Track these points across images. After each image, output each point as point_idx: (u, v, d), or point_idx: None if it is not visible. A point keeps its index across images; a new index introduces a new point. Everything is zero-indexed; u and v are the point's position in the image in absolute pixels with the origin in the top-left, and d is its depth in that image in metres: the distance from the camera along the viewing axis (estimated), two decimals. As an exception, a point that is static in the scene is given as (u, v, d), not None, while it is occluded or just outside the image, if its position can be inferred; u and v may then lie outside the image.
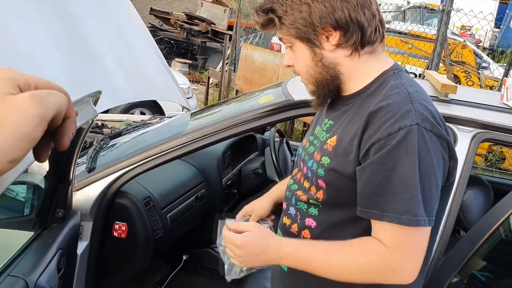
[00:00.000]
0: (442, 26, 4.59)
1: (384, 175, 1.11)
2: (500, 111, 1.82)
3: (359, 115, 1.21)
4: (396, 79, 1.22)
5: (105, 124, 3.38)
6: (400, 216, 1.10)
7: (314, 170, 1.26)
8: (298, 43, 1.25)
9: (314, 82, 1.28)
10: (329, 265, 1.18)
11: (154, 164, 1.98)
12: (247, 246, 1.21)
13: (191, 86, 7.19)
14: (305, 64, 1.26)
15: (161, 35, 11.71)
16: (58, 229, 1.70)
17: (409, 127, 1.10)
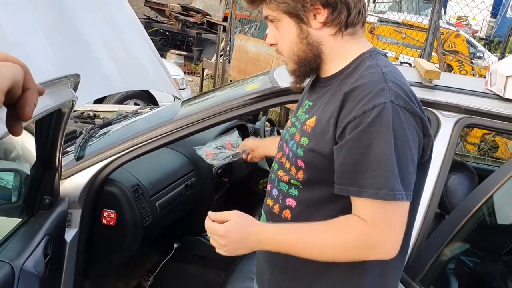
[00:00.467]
0: (434, 15, 4.58)
1: (360, 152, 1.13)
2: (483, 97, 1.83)
3: (336, 96, 1.22)
4: (372, 60, 1.24)
5: (97, 114, 3.39)
6: (377, 191, 1.12)
7: (294, 150, 1.29)
8: (285, 19, 1.25)
9: (296, 60, 1.28)
10: (311, 245, 1.21)
11: (142, 152, 1.99)
12: (230, 234, 1.22)
13: (185, 77, 7.19)
14: (289, 41, 1.27)
15: (156, 27, 11.69)
16: (46, 215, 1.71)
17: (383, 105, 1.12)
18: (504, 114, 1.72)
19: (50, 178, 1.71)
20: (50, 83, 1.02)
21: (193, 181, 2.57)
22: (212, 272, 2.70)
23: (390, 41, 6.46)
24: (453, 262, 1.90)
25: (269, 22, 1.31)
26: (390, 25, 6.40)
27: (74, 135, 2.48)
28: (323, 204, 1.26)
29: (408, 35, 5.88)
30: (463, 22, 13.35)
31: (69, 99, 1.18)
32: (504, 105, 1.76)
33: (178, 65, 8.88)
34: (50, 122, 1.36)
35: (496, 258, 2.08)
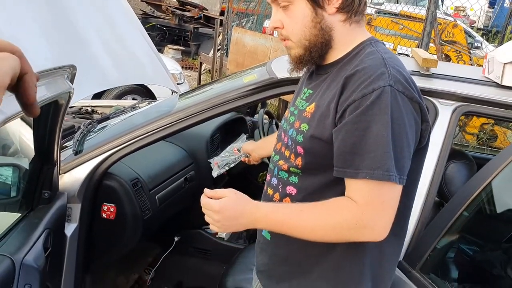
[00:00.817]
0: (431, 5, 4.57)
1: (359, 134, 1.14)
2: (481, 84, 1.83)
3: (336, 81, 1.23)
4: (373, 47, 1.26)
5: (95, 110, 3.39)
6: (372, 171, 1.13)
7: (294, 137, 1.29)
8: (300, 1, 1.23)
9: (306, 46, 1.27)
10: (303, 224, 1.22)
11: (141, 145, 1.99)
12: (225, 211, 1.23)
13: (183, 72, 7.18)
14: (303, 24, 1.25)
15: (153, 22, 11.65)
16: (45, 209, 1.71)
17: (383, 88, 1.13)
18: (501, 101, 1.72)
19: (49, 172, 1.71)
20: (46, 73, 1.02)
21: (192, 174, 2.57)
22: (213, 265, 2.71)
23: (388, 32, 6.45)
24: (452, 250, 1.90)
25: (275, 5, 1.28)
26: (388, 16, 6.38)
27: (72, 130, 2.48)
28: (324, 191, 1.27)
29: (405, 26, 5.87)
30: (460, 13, 13.33)
31: (66, 90, 1.17)
32: (502, 92, 1.76)
33: (176, 60, 8.87)
34: (47, 114, 1.36)
35: (496, 246, 2.09)
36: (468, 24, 11.35)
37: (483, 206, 1.77)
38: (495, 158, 1.72)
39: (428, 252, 1.61)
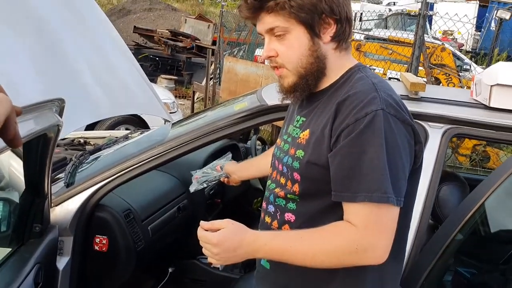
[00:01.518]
0: (419, 30, 4.66)
1: (354, 158, 1.15)
2: (469, 107, 1.85)
3: (328, 107, 1.25)
4: (361, 73, 1.28)
5: (87, 141, 3.38)
6: (371, 194, 1.14)
7: (289, 164, 1.30)
8: (299, 29, 1.24)
9: (302, 74, 1.27)
10: (303, 251, 1.20)
11: (132, 175, 1.98)
12: (223, 242, 1.21)
13: (177, 101, 7.21)
14: (300, 53, 1.26)
15: (146, 53, 11.74)
16: (36, 243, 1.69)
17: (375, 112, 1.15)
18: (490, 123, 1.74)
19: (40, 206, 1.70)
20: (34, 107, 1.02)
21: (185, 203, 2.55)
22: (209, 296, 2.66)
23: (377, 58, 6.53)
24: (448, 273, 1.89)
25: (271, 35, 1.28)
26: (377, 42, 6.48)
27: (64, 162, 2.47)
28: (322, 216, 1.26)
29: (394, 51, 5.95)
30: (448, 36, 13.55)
31: (54, 123, 1.17)
32: (490, 113, 1.78)
33: (169, 90, 8.91)
34: (36, 147, 1.36)
35: (492, 267, 2.07)
36: (457, 47, 11.53)
37: (477, 227, 1.77)
38: (486, 179, 1.73)
39: (424, 276, 1.60)
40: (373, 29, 8.80)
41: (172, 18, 17.27)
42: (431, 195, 1.69)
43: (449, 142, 1.81)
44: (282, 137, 1.43)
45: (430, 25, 12.66)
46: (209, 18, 15.27)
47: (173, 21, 16.78)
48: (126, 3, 19.37)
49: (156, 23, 16.34)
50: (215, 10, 21.95)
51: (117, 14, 17.84)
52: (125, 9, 18.33)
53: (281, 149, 1.39)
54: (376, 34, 7.14)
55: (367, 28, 9.23)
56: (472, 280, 2.04)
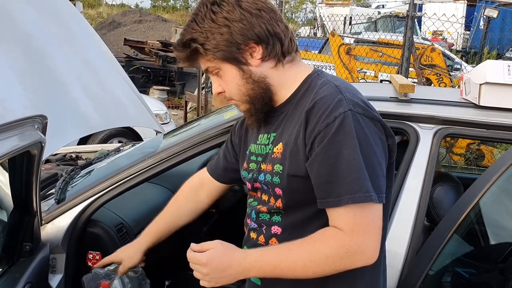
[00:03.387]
0: (408, 31, 4.67)
1: (331, 162, 1.17)
2: (459, 106, 1.85)
3: (295, 117, 1.27)
4: (322, 78, 1.30)
5: (79, 155, 3.36)
6: (353, 195, 1.15)
7: (269, 180, 1.30)
8: (225, 65, 1.28)
9: (248, 100, 1.31)
10: (294, 263, 1.20)
11: (124, 189, 1.96)
12: (213, 262, 1.21)
13: (170, 111, 7.20)
14: (236, 84, 1.30)
15: (137, 64, 11.75)
16: (27, 263, 1.67)
17: (344, 114, 1.18)
18: (480, 122, 1.73)
19: (29, 224, 1.67)
20: (14, 124, 1.00)
21: (179, 215, 2.52)
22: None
23: (368, 61, 6.55)
24: (446, 275, 1.87)
25: (210, 74, 1.33)
26: (366, 45, 6.49)
27: (55, 178, 2.44)
28: (309, 223, 1.27)
29: (384, 53, 5.97)
30: (438, 36, 13.65)
31: (36, 140, 1.15)
32: (480, 112, 1.78)
33: (162, 100, 8.90)
34: (21, 165, 1.34)
35: (490, 266, 2.06)
36: (447, 47, 11.61)
37: (472, 226, 1.76)
38: (480, 177, 1.72)
39: (421, 279, 1.58)
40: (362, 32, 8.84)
41: (162, 29, 17.31)
42: (425, 196, 1.68)
43: (443, 142, 1.81)
44: (247, 159, 1.44)
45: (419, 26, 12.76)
46: (199, 28, 15.28)
47: (163, 32, 16.82)
48: (116, 16, 19.41)
49: (147, 35, 16.37)
50: (205, 19, 21.98)
51: (107, 27, 17.87)
52: (115, 22, 18.36)
53: (251, 170, 1.40)
54: (366, 37, 7.17)
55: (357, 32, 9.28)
56: (470, 280, 2.02)
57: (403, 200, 1.67)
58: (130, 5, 31.44)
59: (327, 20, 12.34)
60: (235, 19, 1.24)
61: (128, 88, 3.16)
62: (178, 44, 1.30)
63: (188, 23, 1.29)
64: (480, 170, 4.66)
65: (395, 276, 1.61)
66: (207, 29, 1.24)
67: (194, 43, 1.26)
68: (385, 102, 1.88)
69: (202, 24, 1.25)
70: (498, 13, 7.55)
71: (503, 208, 1.82)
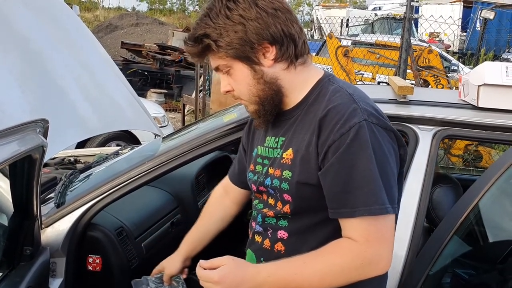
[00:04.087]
0: (405, 33, 4.69)
1: (346, 172, 1.16)
2: (458, 108, 1.86)
3: (307, 124, 1.25)
4: (334, 84, 1.28)
5: (78, 159, 3.35)
6: (369, 207, 1.14)
7: (277, 186, 1.28)
8: (237, 64, 1.26)
9: (257, 101, 1.29)
10: (310, 277, 1.18)
11: (123, 192, 1.96)
12: (225, 279, 1.17)
13: (167, 114, 7.19)
14: (246, 84, 1.27)
15: (135, 68, 11.74)
16: (27, 267, 1.66)
17: (359, 124, 1.16)
18: (479, 123, 1.74)
19: (30, 228, 1.67)
20: (16, 129, 1.00)
21: (178, 218, 2.52)
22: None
23: (365, 62, 6.56)
24: (446, 276, 1.87)
25: (220, 72, 1.31)
26: (364, 47, 6.51)
27: (54, 182, 2.44)
28: (316, 229, 1.26)
29: (382, 55, 5.99)
30: (435, 38, 13.69)
31: (39, 144, 1.15)
32: (479, 113, 1.78)
33: (159, 103, 8.89)
34: (22, 169, 1.34)
35: (490, 267, 2.06)
36: (444, 48, 11.65)
37: (472, 228, 1.76)
38: (479, 178, 1.72)
39: (421, 280, 1.59)
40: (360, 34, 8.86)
41: (159, 32, 17.33)
42: (425, 198, 1.68)
43: (441, 143, 1.81)
44: (253, 161, 1.42)
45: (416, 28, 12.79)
46: (196, 31, 15.28)
47: (160, 35, 16.83)
48: (113, 19, 19.42)
49: (144, 38, 16.38)
50: (202, 22, 21.99)
51: (104, 31, 17.88)
52: (112, 25, 18.37)
53: (257, 172, 1.38)
54: (363, 39, 7.19)
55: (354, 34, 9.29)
56: (470, 281, 2.03)
57: (403, 202, 1.66)
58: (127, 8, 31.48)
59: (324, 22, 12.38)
60: (251, 17, 1.21)
61: (126, 91, 3.16)
62: (189, 39, 1.27)
63: (201, 17, 1.25)
64: (478, 171, 4.68)
65: (395, 277, 1.61)
66: (221, 26, 1.21)
67: (207, 39, 1.23)
68: (384, 104, 1.88)
69: (216, 20, 1.21)
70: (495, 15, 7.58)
71: (503, 209, 1.83)
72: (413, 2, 4.69)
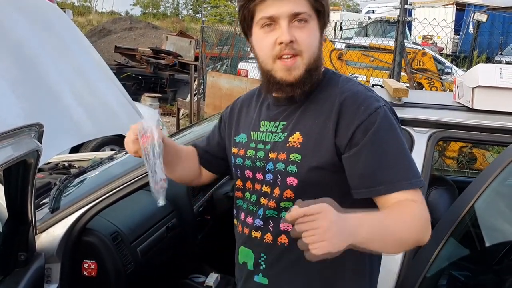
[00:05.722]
0: (399, 36, 4.70)
1: (380, 152, 1.18)
2: (453, 110, 1.86)
3: (318, 109, 1.25)
4: (340, 75, 1.33)
5: (72, 164, 3.34)
6: (410, 181, 1.17)
7: (282, 170, 1.25)
8: (314, 21, 1.24)
9: (311, 66, 1.23)
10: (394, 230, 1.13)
11: (118, 197, 1.95)
12: (331, 210, 1.00)
13: (161, 118, 7.18)
14: (316, 43, 1.25)
15: (128, 72, 11.73)
16: (22, 273, 1.65)
17: (383, 107, 1.21)
18: (474, 125, 1.74)
19: (24, 234, 1.66)
20: (11, 133, 0.99)
21: (174, 222, 2.51)
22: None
23: (359, 65, 6.59)
24: (443, 278, 1.87)
25: (287, 20, 1.20)
26: (358, 50, 6.53)
27: (49, 187, 2.43)
28: None
29: (376, 58, 6.01)
30: (428, 41, 13.75)
31: (33, 149, 1.14)
32: (473, 115, 1.79)
33: (154, 108, 8.87)
34: (17, 174, 1.32)
35: (487, 268, 2.06)
36: (437, 51, 11.70)
37: (468, 229, 1.76)
38: (475, 180, 1.73)
39: (418, 282, 1.58)
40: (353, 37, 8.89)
41: (153, 36, 17.31)
42: (421, 200, 1.68)
43: (436, 145, 1.81)
44: (244, 146, 1.36)
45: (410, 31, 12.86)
46: (190, 34, 15.32)
47: (154, 39, 16.81)
48: (106, 24, 19.38)
49: (138, 42, 16.36)
50: (196, 26, 22.06)
51: (97, 35, 17.83)
52: (105, 29, 18.33)
53: (249, 157, 1.33)
54: (357, 42, 7.21)
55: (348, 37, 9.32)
56: (466, 283, 2.03)
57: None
58: (120, 13, 31.44)
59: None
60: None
61: (120, 95, 3.15)
62: None
63: None
64: (473, 173, 4.69)
65: (392, 279, 1.61)
66: None
67: None
68: (379, 106, 1.89)
69: None
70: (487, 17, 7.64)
71: (498, 210, 1.83)
72: (407, 5, 4.71)
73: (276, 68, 1.24)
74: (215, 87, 6.56)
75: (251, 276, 1.36)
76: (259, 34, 1.24)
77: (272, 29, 1.22)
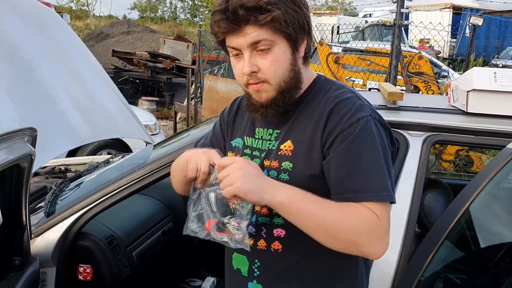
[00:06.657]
0: (395, 39, 4.71)
1: (353, 160, 1.18)
2: (448, 113, 1.87)
3: (309, 117, 1.26)
4: (332, 83, 1.32)
5: (68, 168, 3.33)
6: (378, 193, 1.16)
7: (274, 177, 1.25)
8: (284, 44, 1.22)
9: (282, 88, 1.24)
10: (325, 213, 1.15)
11: (114, 201, 1.95)
12: (246, 163, 1.15)
13: (159, 122, 7.17)
14: (284, 67, 1.23)
15: (126, 76, 11.72)
16: (16, 277, 1.64)
17: (366, 118, 1.21)
18: (469, 128, 1.75)
19: (19, 238, 1.65)
20: (3, 137, 0.99)
21: (170, 226, 2.51)
22: (199, 320, 2.61)
23: (356, 69, 6.59)
24: (438, 281, 1.87)
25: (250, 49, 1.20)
26: (355, 54, 6.54)
27: (44, 191, 2.42)
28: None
29: (372, 62, 6.02)
30: (425, 44, 13.80)
31: (26, 153, 1.14)
32: (468, 119, 1.79)
33: (151, 111, 8.87)
34: (10, 178, 1.32)
35: (482, 271, 2.07)
36: (434, 55, 11.74)
37: (463, 232, 1.77)
38: (470, 183, 1.73)
39: (413, 286, 1.58)
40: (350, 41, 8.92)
41: (150, 40, 17.32)
42: (416, 203, 1.68)
43: (432, 148, 1.82)
44: (239, 152, 1.37)
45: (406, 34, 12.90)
46: (187, 38, 15.33)
47: (152, 42, 16.82)
48: (104, 27, 19.40)
49: (135, 46, 16.37)
50: (194, 30, 22.10)
51: (95, 39, 17.84)
52: (103, 33, 18.35)
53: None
54: (354, 46, 7.23)
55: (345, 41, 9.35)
56: (462, 286, 2.03)
57: (394, 207, 1.67)
58: (118, 17, 31.47)
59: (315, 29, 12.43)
60: (304, 4, 1.23)
61: (117, 99, 3.15)
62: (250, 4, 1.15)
63: None
64: (469, 176, 4.69)
65: (387, 283, 1.61)
66: (284, 1, 1.18)
67: (275, 8, 1.16)
68: (374, 110, 1.89)
69: None
70: (484, 21, 7.66)
71: (493, 213, 1.84)
72: (403, 9, 4.72)
73: (249, 91, 1.28)
74: (212, 91, 6.56)
75: (245, 282, 1.36)
76: (232, 60, 1.28)
77: (240, 58, 1.24)
